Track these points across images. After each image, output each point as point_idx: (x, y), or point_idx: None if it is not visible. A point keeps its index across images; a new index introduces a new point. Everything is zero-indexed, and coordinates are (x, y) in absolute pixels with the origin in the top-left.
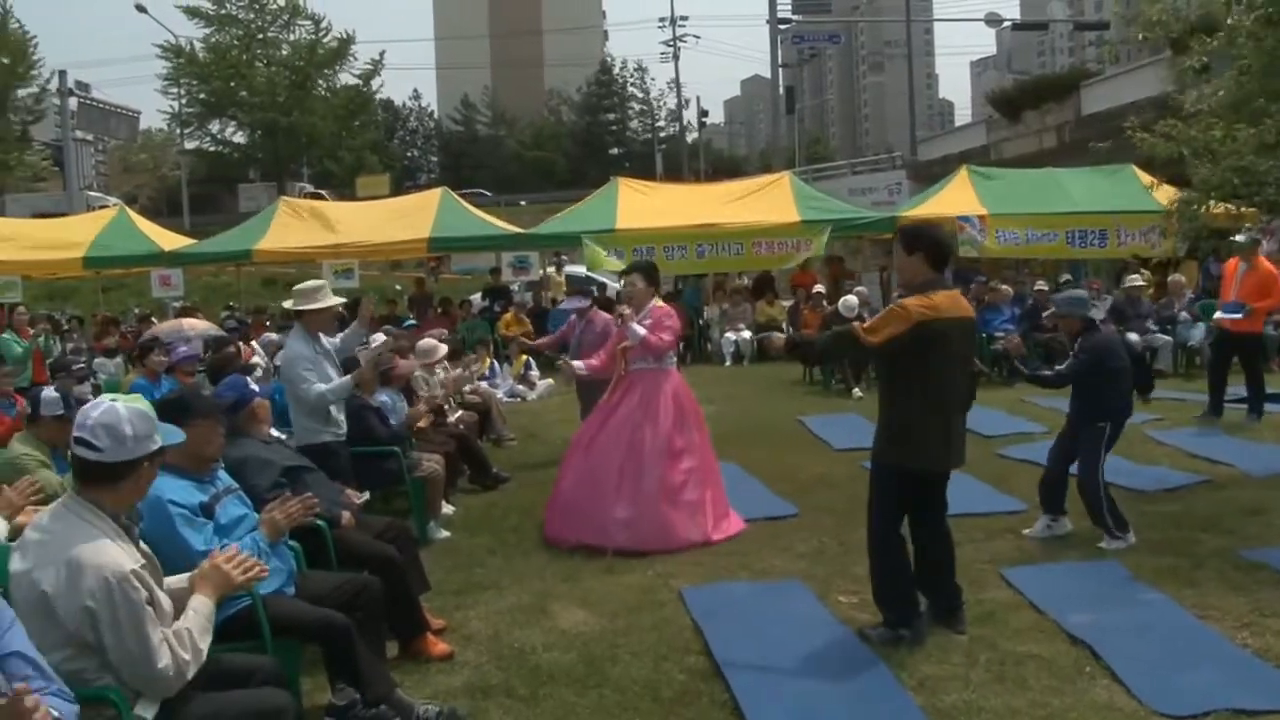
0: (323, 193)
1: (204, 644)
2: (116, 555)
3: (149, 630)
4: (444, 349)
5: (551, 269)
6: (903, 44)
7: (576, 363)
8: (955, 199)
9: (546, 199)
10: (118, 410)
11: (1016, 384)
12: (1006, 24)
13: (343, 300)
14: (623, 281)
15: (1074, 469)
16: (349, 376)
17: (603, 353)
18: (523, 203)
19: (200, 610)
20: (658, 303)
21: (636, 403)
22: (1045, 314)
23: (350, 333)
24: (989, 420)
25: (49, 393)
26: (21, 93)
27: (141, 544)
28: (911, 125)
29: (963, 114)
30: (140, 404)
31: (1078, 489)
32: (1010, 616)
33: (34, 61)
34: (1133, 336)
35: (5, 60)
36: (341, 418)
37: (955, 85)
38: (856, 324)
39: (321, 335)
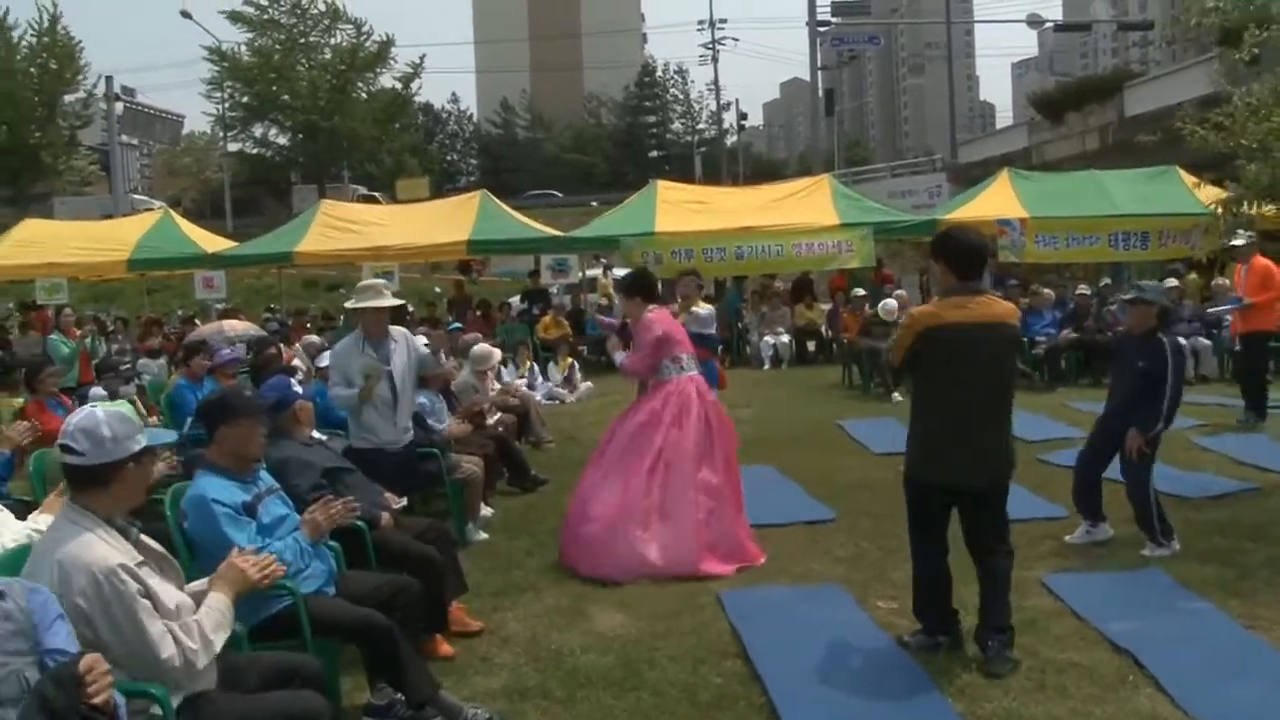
0: (376, 195)
1: (217, 638)
2: (103, 551)
3: (144, 621)
4: (498, 354)
5: (597, 271)
6: (943, 46)
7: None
8: (996, 202)
9: (585, 202)
10: (96, 414)
11: (1059, 388)
12: (1048, 25)
13: (397, 303)
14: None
15: (1109, 473)
16: (353, 391)
17: (643, 355)
18: (594, 203)
19: (215, 606)
20: (648, 311)
21: (642, 417)
22: (1118, 301)
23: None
24: (1030, 425)
25: (96, 391)
26: (69, 98)
27: (151, 543)
28: (951, 128)
29: (1004, 116)
30: (121, 408)
31: (1128, 495)
32: (1051, 624)
33: (81, 67)
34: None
35: (54, 66)
36: (384, 427)
37: (996, 87)
38: (890, 365)
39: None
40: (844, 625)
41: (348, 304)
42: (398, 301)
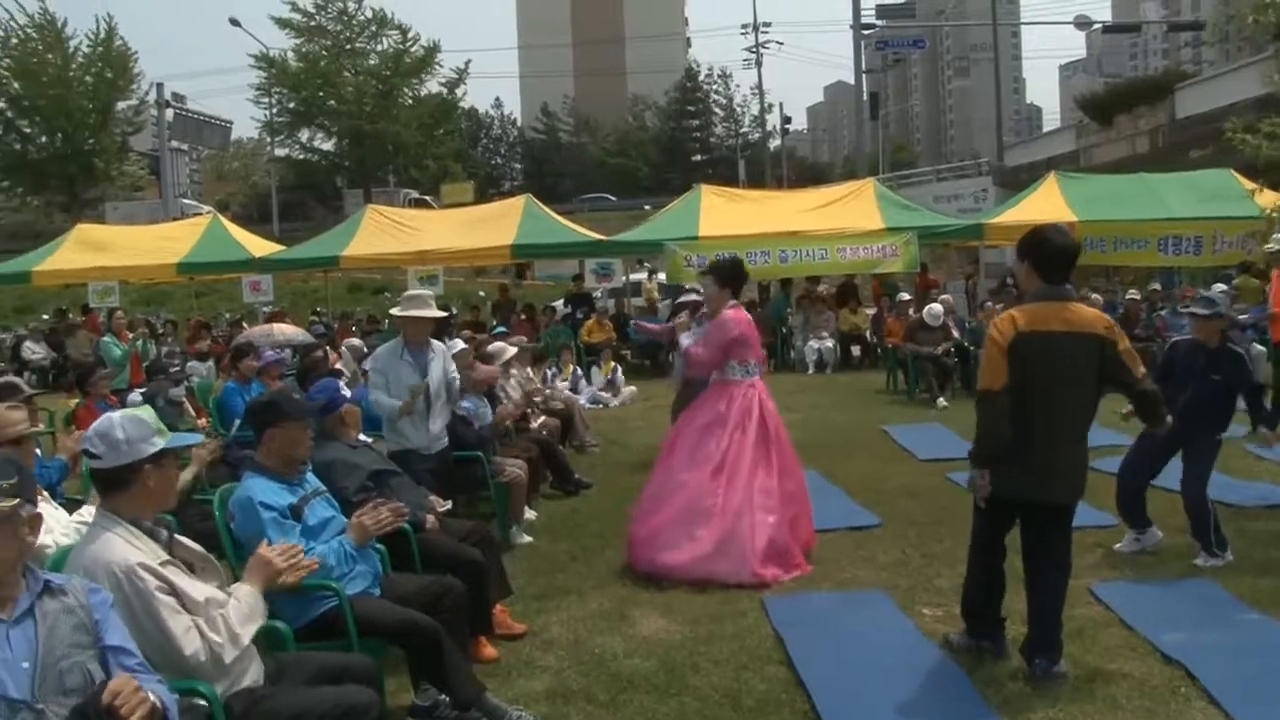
0: (428, 199)
1: (245, 630)
2: (122, 550)
3: (166, 616)
4: (511, 351)
5: (642, 275)
6: (989, 48)
7: (686, 338)
8: (1043, 205)
9: (638, 205)
10: (112, 418)
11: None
12: (1097, 26)
13: (441, 314)
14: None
15: (1158, 480)
16: (394, 404)
17: (713, 351)
18: (646, 207)
19: (243, 598)
20: (730, 307)
21: (707, 418)
22: (1180, 311)
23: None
24: None
25: (134, 397)
26: (122, 105)
27: (190, 543)
28: (998, 131)
29: (1051, 119)
30: (140, 412)
31: (1185, 504)
32: (1100, 634)
33: (135, 76)
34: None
35: (109, 75)
36: (415, 433)
37: (1043, 90)
38: (980, 391)
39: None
40: (888, 632)
41: (393, 311)
42: (442, 313)
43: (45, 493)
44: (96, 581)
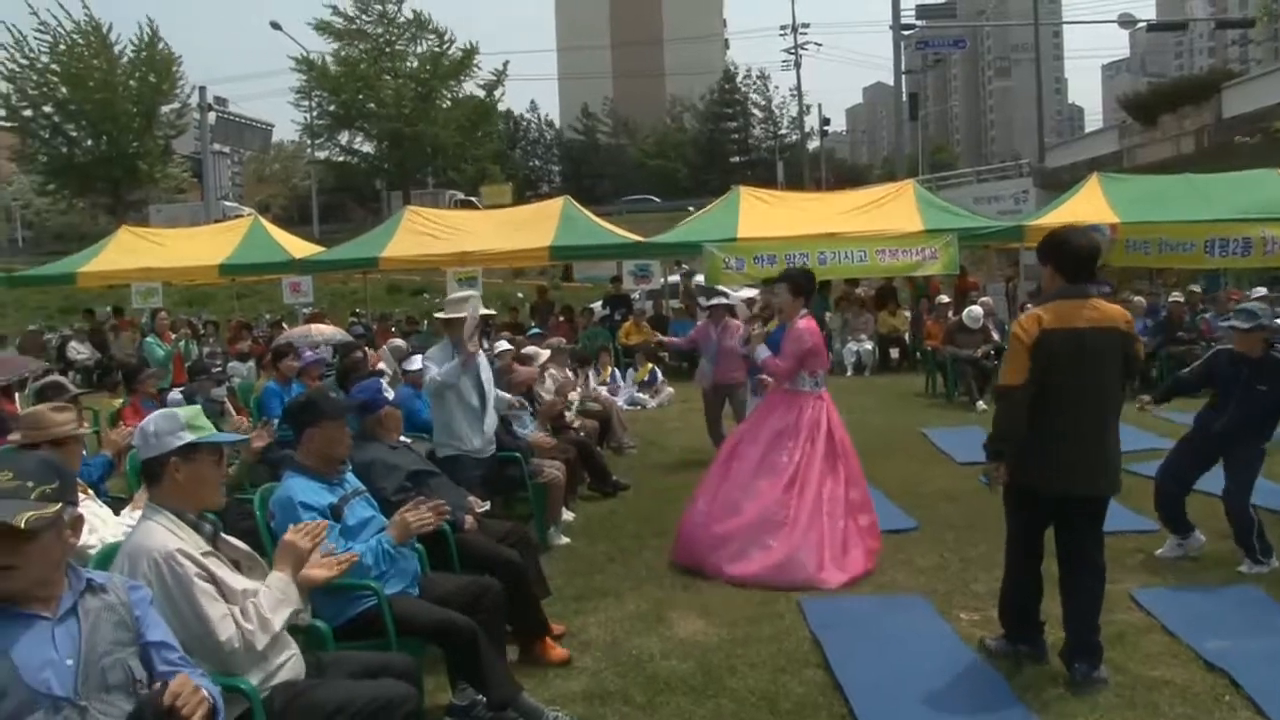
0: (473, 199)
1: (276, 616)
2: (163, 537)
3: (203, 603)
4: (545, 354)
5: (679, 277)
6: (1030, 48)
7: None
8: (1085, 207)
9: (682, 207)
10: (153, 414)
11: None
12: (1141, 24)
13: (489, 312)
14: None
15: (1200, 486)
16: (456, 362)
17: (789, 363)
18: (690, 208)
19: (274, 585)
20: (801, 318)
21: (778, 425)
22: (1221, 321)
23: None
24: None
25: (174, 396)
26: (165, 109)
27: (235, 542)
28: (1039, 131)
29: (1093, 119)
30: (179, 408)
31: (1226, 511)
32: (1141, 640)
33: (177, 79)
34: None
35: (153, 79)
36: (471, 435)
37: (1085, 90)
38: (999, 382)
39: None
40: (926, 636)
41: (439, 314)
42: (490, 311)
43: (90, 490)
44: (138, 568)
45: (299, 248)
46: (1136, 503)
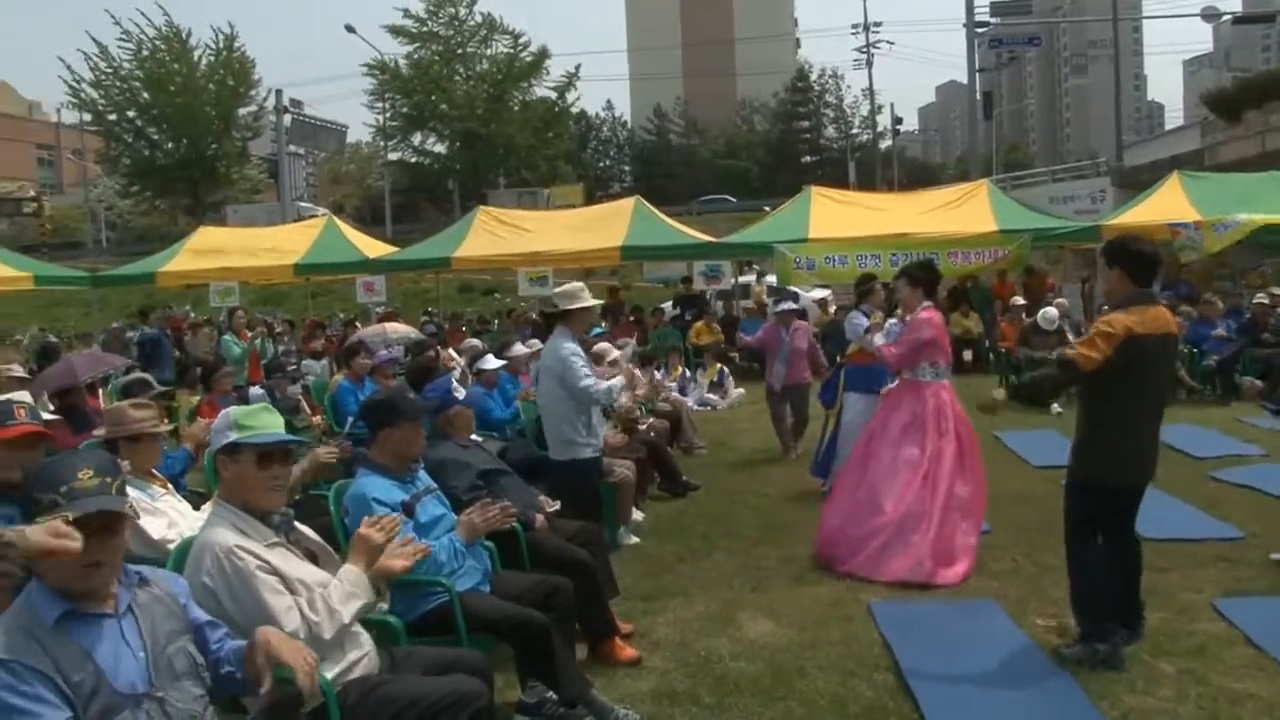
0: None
1: (346, 608)
2: (224, 532)
3: (265, 595)
4: (615, 352)
5: (750, 277)
6: (1108, 44)
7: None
8: (1166, 206)
9: (758, 207)
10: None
11: (1232, 402)
12: (1226, 18)
13: (599, 302)
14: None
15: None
16: (617, 379)
17: (907, 352)
18: (766, 208)
19: (345, 578)
20: (924, 309)
21: (904, 418)
22: None
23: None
24: (1201, 440)
25: (255, 391)
26: (242, 111)
27: (309, 533)
28: (1117, 129)
29: (1173, 116)
30: (236, 408)
31: None
32: (1224, 651)
33: (254, 82)
34: None
35: (230, 83)
36: (594, 435)
37: (1166, 86)
38: (1069, 350)
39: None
40: (999, 642)
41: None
42: (597, 301)
43: (170, 485)
44: (203, 563)
45: (372, 248)
46: (1220, 510)
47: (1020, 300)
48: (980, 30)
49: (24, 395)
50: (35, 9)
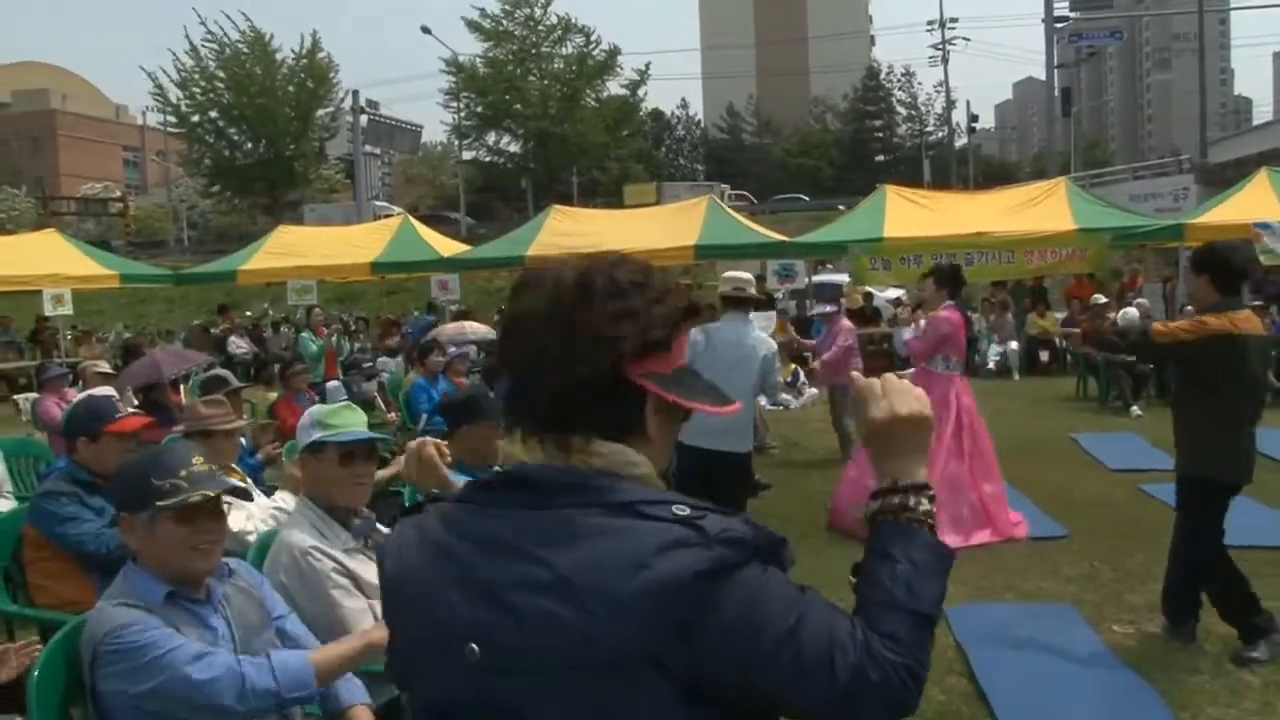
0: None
1: None
2: (302, 533)
3: (336, 597)
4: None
5: (832, 276)
6: (1193, 37)
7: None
8: (1252, 204)
9: (833, 205)
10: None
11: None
12: None
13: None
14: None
15: None
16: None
17: (926, 343)
18: (841, 207)
19: None
20: (945, 307)
21: None
22: None
23: None
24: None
25: (333, 385)
26: (320, 112)
27: (385, 532)
28: (1202, 125)
29: (1262, 111)
30: (323, 407)
31: None
32: None
33: (334, 85)
34: None
35: (310, 85)
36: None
37: (1253, 81)
38: (1164, 333)
39: None
40: (1076, 647)
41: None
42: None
43: (249, 480)
44: (279, 561)
45: (447, 246)
46: None
47: (1102, 299)
48: (1059, 25)
49: (109, 390)
50: (123, 14)
